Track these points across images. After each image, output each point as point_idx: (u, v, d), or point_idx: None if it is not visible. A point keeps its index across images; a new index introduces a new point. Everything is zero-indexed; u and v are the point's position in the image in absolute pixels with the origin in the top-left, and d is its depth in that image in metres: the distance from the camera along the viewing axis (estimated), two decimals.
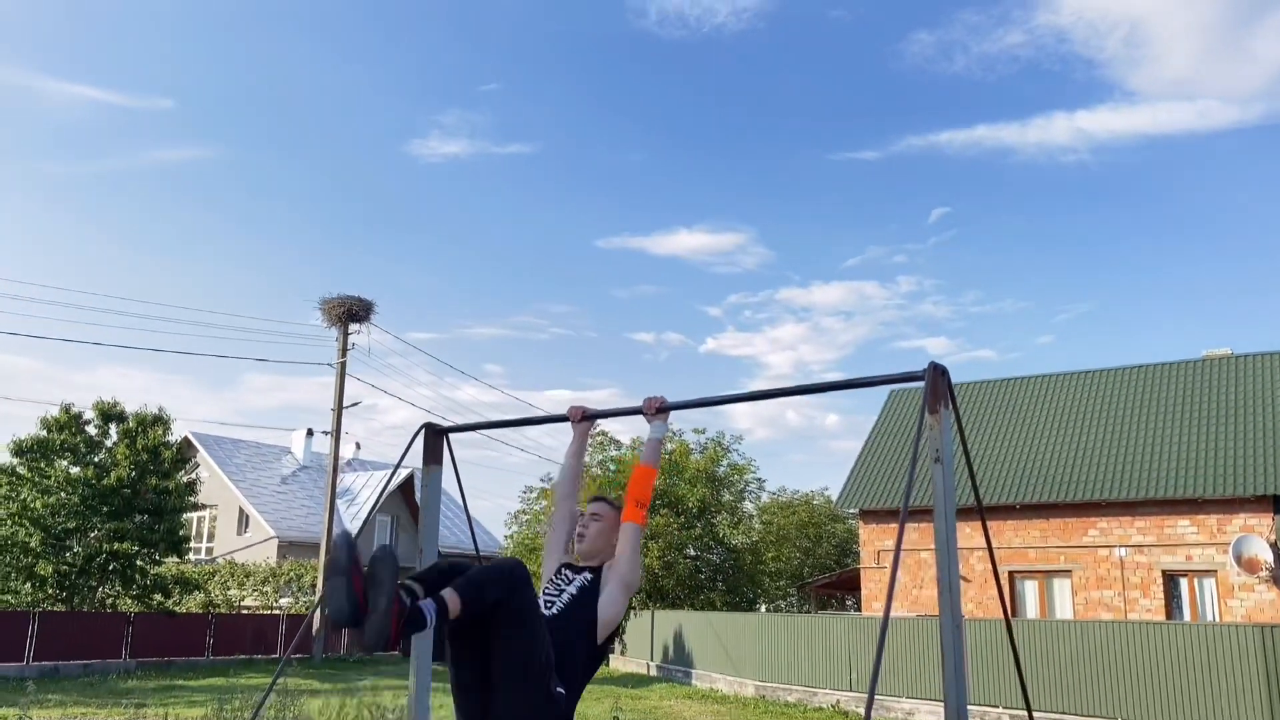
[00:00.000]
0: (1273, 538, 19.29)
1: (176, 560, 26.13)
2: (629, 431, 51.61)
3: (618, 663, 28.87)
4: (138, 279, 79.48)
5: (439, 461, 4.83)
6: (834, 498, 32.66)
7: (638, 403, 4.17)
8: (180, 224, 79.65)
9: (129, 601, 24.18)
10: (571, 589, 3.56)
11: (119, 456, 23.28)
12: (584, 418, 4.36)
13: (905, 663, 17.15)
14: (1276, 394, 21.75)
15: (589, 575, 3.63)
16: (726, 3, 76.32)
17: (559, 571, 3.71)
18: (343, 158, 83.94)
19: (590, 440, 30.61)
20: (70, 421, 23.39)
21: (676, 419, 29.01)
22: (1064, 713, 14.99)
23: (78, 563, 22.70)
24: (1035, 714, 14.95)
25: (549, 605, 3.49)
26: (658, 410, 4.06)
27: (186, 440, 36.17)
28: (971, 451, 23.76)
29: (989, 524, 22.02)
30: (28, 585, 22.21)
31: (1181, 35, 71.16)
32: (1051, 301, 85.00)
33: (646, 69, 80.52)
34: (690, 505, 28.66)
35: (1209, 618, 19.93)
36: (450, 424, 5.12)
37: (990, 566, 3.62)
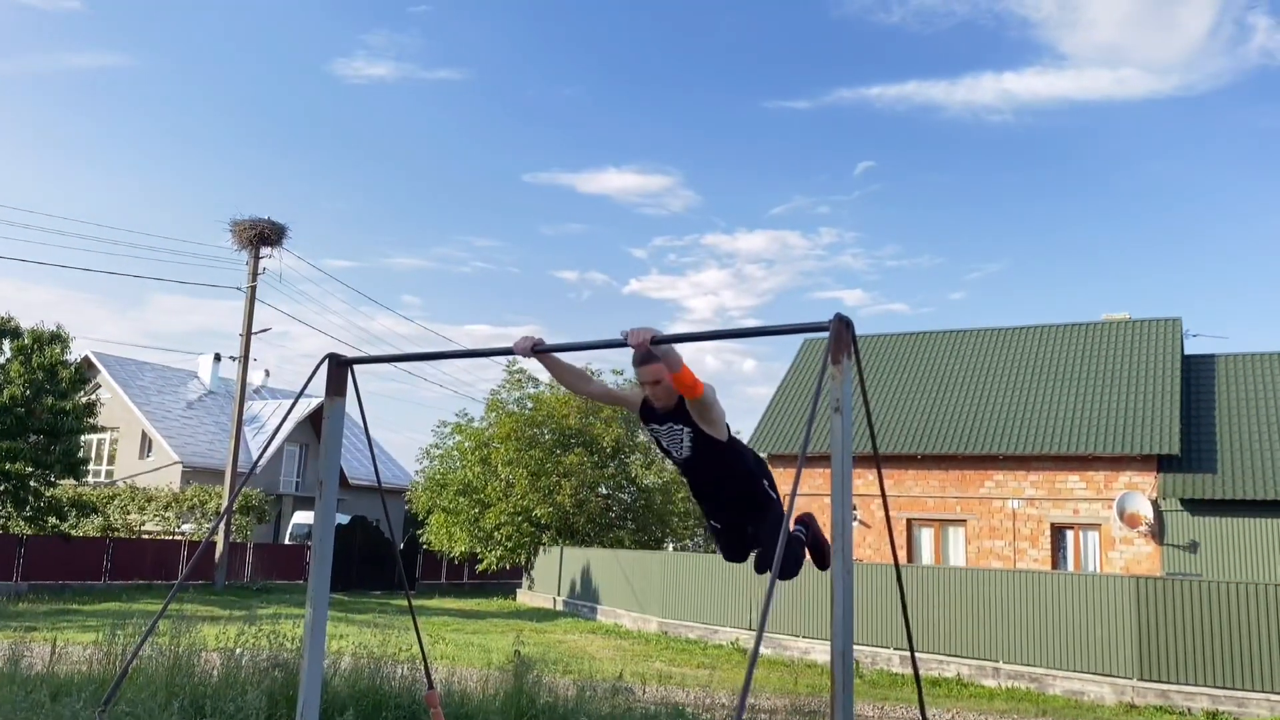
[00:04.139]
0: (1154, 495, 20.30)
1: (73, 483, 25.39)
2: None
3: (525, 597, 29.15)
4: (43, 189, 75.87)
5: (342, 393, 4.74)
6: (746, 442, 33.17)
7: (550, 339, 4.09)
8: (90, 133, 76.04)
9: (21, 524, 23.48)
10: (686, 440, 4.07)
11: (12, 374, 22.41)
12: (536, 350, 4.08)
13: (802, 603, 17.71)
14: (1168, 358, 22.73)
15: (683, 425, 4.03)
16: None
17: (654, 431, 4.21)
18: (262, 73, 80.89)
19: (509, 377, 30.54)
20: None
21: (594, 359, 28.96)
22: (951, 655, 15.71)
23: None
24: (922, 656, 15.62)
25: (678, 451, 4.11)
26: (652, 343, 3.76)
27: (87, 360, 34.91)
28: (878, 402, 24.36)
29: (889, 472, 22.73)
30: None
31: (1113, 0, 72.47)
32: (966, 259, 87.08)
33: (583, 1, 79.01)
34: (605, 445, 28.88)
35: (1091, 569, 20.97)
36: (357, 354, 5.03)
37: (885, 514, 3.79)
